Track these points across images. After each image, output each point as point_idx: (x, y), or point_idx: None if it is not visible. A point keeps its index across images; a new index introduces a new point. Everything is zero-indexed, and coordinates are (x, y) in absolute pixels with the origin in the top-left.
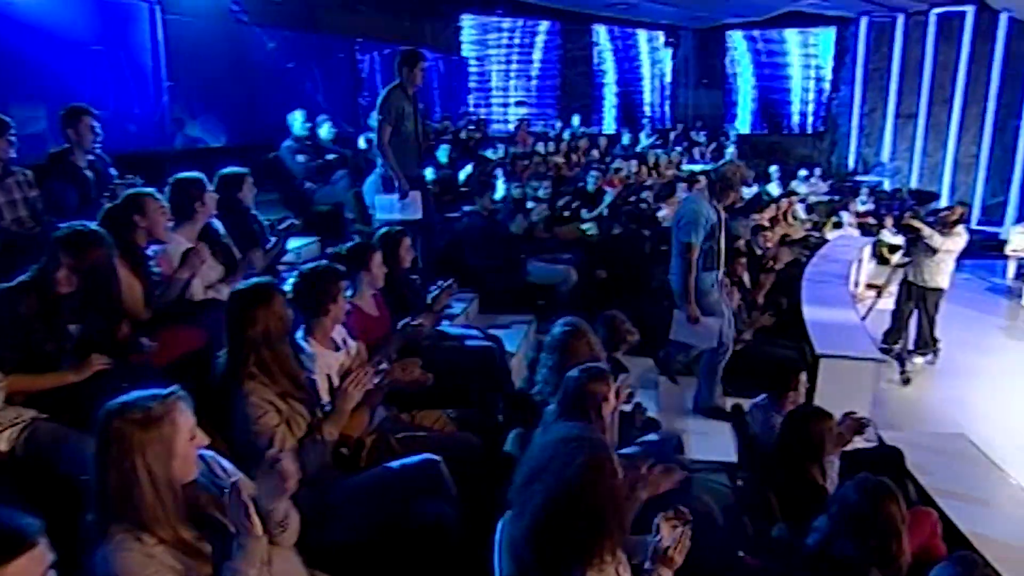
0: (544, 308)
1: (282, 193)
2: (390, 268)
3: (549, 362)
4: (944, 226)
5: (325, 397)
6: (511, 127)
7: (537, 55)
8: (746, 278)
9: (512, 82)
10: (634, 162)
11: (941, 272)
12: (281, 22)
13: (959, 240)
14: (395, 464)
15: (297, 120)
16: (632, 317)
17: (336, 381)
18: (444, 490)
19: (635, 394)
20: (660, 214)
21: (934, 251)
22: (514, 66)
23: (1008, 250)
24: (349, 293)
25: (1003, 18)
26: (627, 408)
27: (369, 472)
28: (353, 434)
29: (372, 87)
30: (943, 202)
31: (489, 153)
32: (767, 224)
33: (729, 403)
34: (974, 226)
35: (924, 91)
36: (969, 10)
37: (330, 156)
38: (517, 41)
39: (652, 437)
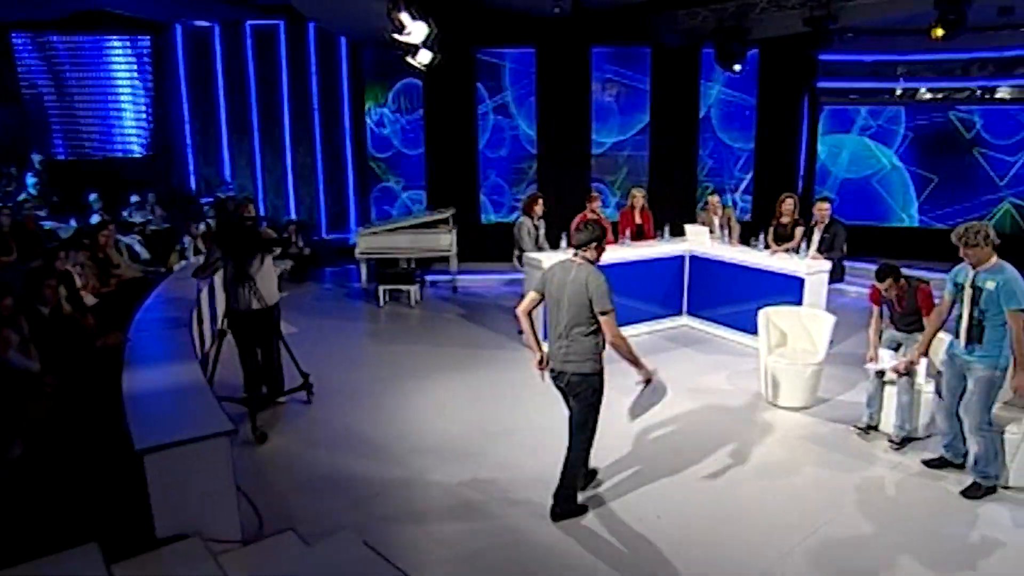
0: None
1: None
2: None
3: None
4: None
5: None
6: None
7: None
8: None
9: None
10: None
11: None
12: None
13: None
14: None
15: None
16: None
17: None
18: None
19: None
20: None
21: None
22: None
23: (357, 253)
24: None
25: (312, 29)
26: None
27: None
28: None
29: None
30: (293, 214)
31: None
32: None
33: None
34: (325, 236)
35: (254, 104)
36: (281, 23)
37: None
38: None
39: None
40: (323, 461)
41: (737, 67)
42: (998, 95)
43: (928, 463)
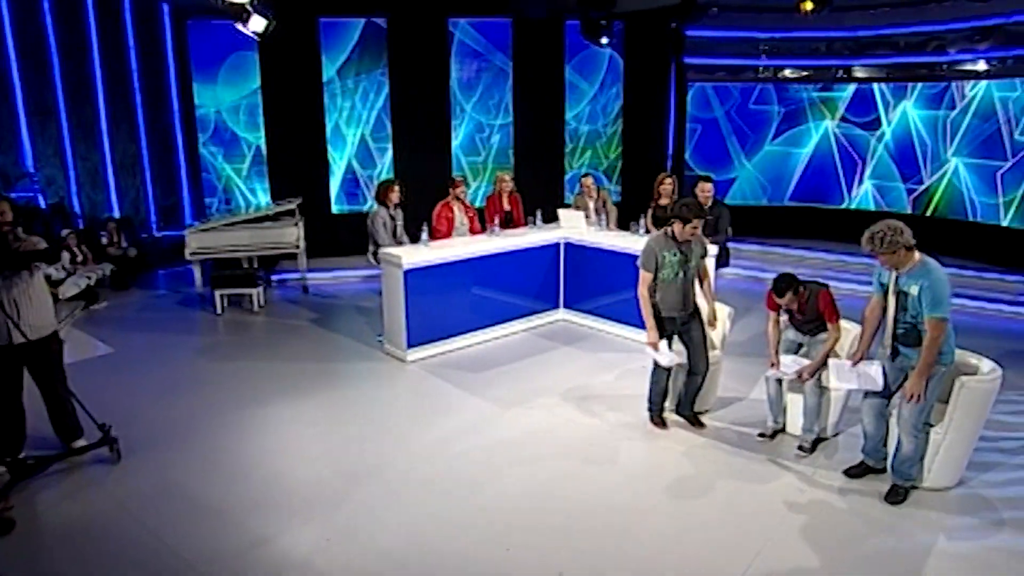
0: None
1: None
2: None
3: None
4: None
5: None
6: None
7: None
8: None
9: None
10: None
11: None
12: None
13: None
14: None
15: None
16: None
17: None
18: None
19: None
20: None
21: None
22: None
23: (188, 254)
24: None
25: None
26: None
27: None
28: None
29: None
30: (116, 210)
31: None
32: None
33: None
34: (157, 233)
35: (58, 81)
36: None
37: None
38: None
39: None
40: (130, 537)
41: (604, 40)
42: (857, 74)
43: (849, 472)
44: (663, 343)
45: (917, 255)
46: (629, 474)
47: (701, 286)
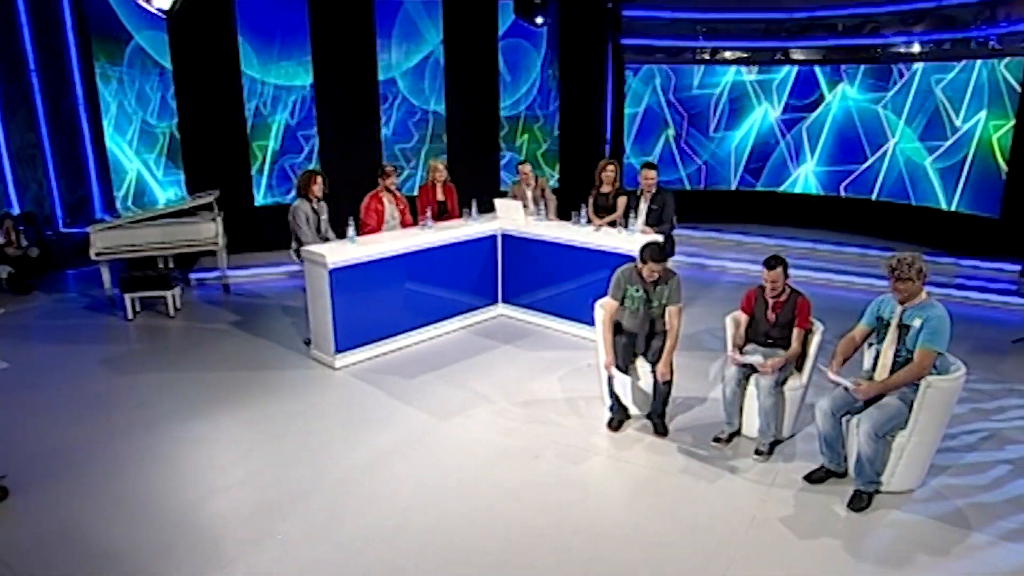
0: None
1: None
2: None
3: None
4: None
5: None
6: None
7: None
8: None
9: None
10: None
11: None
12: None
13: None
14: None
15: None
16: None
17: None
18: None
19: None
20: None
21: None
22: None
23: (93, 254)
24: None
25: None
26: None
27: None
28: None
29: None
30: (15, 206)
31: None
32: None
33: None
34: (63, 230)
35: None
36: None
37: None
38: None
39: None
40: None
41: (539, 20)
42: (796, 56)
43: (811, 478)
44: (619, 376)
45: (925, 292)
46: (581, 493)
47: (664, 342)
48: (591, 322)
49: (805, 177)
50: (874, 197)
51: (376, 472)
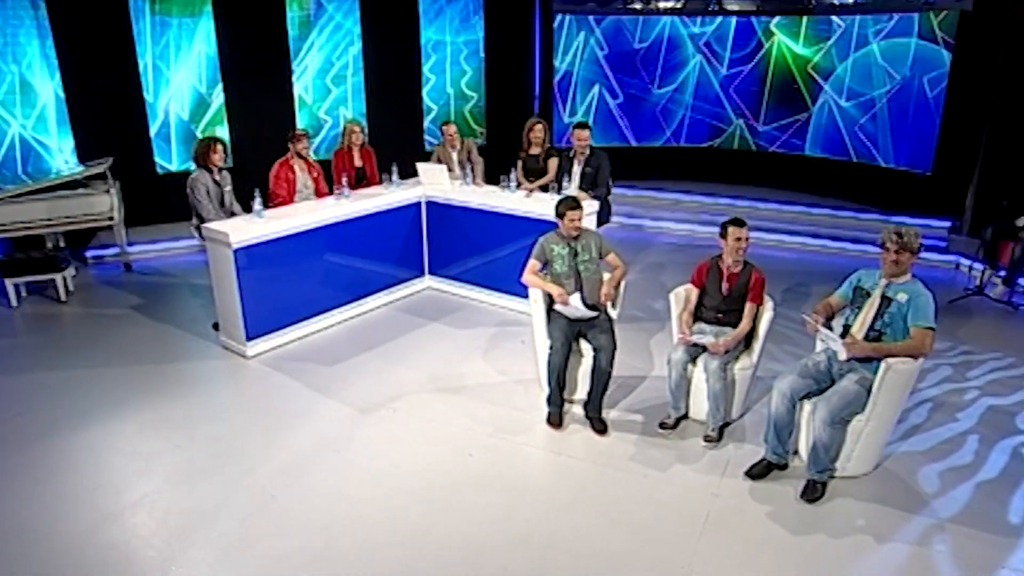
0: None
1: None
2: None
3: None
4: None
5: None
6: None
7: None
8: None
9: None
10: None
11: None
12: None
13: None
14: None
15: None
16: None
17: None
18: None
19: None
20: None
21: None
22: None
23: None
24: None
25: None
26: None
27: None
28: None
29: None
30: None
31: None
32: None
33: None
34: None
35: None
36: None
37: None
38: None
39: None
40: None
41: None
42: (729, 7)
43: (752, 474)
44: (574, 296)
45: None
46: (520, 497)
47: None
48: (524, 294)
49: (741, 131)
50: (808, 153)
51: (293, 483)
